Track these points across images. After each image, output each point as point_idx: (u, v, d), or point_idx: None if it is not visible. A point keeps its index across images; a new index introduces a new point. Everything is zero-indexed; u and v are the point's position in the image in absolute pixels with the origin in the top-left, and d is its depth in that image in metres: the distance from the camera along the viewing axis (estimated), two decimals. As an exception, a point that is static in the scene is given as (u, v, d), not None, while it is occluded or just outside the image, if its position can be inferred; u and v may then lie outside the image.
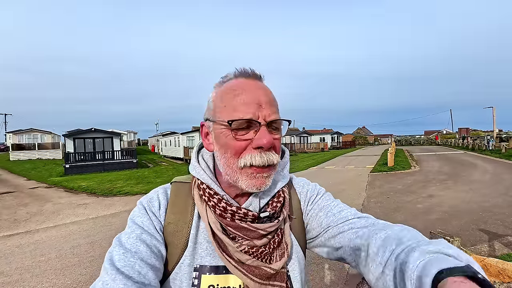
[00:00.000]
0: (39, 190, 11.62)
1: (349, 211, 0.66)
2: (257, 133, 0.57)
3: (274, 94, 0.64)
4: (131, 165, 21.13)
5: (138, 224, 0.59)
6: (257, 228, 0.59)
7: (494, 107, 31.36)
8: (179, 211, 0.64)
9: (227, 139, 0.59)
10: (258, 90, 0.60)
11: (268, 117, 0.59)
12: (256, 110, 0.58)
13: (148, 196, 0.66)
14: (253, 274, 0.57)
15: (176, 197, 0.67)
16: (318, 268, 3.67)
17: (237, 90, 0.60)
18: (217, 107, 0.61)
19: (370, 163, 17.49)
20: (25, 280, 3.71)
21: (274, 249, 0.61)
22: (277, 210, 0.63)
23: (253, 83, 0.62)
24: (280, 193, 0.66)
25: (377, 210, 6.66)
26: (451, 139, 42.29)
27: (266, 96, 0.60)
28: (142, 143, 62.34)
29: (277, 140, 0.61)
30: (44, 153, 29.28)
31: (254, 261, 0.58)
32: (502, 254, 3.89)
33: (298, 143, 38.24)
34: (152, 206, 0.63)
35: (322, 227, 0.66)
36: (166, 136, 32.70)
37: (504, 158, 16.82)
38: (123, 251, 0.53)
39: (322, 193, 0.73)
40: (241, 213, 0.59)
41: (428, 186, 9.41)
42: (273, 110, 0.60)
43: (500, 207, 6.32)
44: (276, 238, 0.62)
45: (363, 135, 71.39)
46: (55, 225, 6.34)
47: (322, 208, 0.69)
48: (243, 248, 0.58)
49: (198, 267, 0.60)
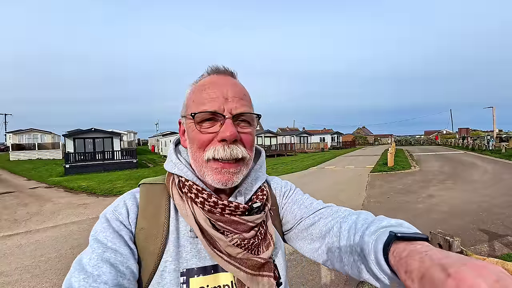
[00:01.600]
0: (39, 190, 11.61)
1: (317, 203, 0.72)
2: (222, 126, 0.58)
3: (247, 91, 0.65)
4: (131, 165, 21.14)
5: (100, 240, 0.54)
6: (247, 221, 0.59)
7: (494, 107, 31.39)
8: (151, 215, 0.60)
9: (193, 133, 0.60)
10: (226, 85, 0.61)
11: (234, 110, 0.58)
12: (222, 103, 0.58)
13: (113, 205, 0.62)
14: (246, 266, 0.58)
15: (147, 200, 0.63)
16: (318, 268, 3.67)
17: (206, 85, 0.61)
18: (188, 103, 0.63)
19: (370, 163, 17.48)
20: (25, 280, 3.71)
21: (261, 240, 0.62)
22: (264, 202, 0.65)
23: (223, 78, 0.62)
24: (262, 188, 0.68)
25: (377, 210, 6.65)
26: (451, 139, 42.29)
27: (234, 90, 0.60)
28: (142, 143, 62.36)
29: (246, 135, 0.60)
30: (44, 153, 29.29)
31: (244, 254, 0.58)
32: (502, 254, 3.89)
33: (298, 143, 38.24)
34: (119, 215, 0.59)
35: (296, 219, 0.70)
36: (166, 136, 32.74)
37: (504, 158, 16.81)
38: (84, 276, 0.48)
39: (294, 188, 0.78)
40: (232, 206, 0.59)
41: (428, 186, 9.41)
42: (241, 104, 0.60)
43: (500, 207, 6.32)
44: (262, 229, 0.63)
45: (363, 135, 71.38)
46: (55, 225, 6.33)
47: (295, 201, 0.73)
48: (235, 242, 0.58)
49: (185, 271, 0.57)
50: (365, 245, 0.48)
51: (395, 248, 0.41)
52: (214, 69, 0.65)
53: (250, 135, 0.61)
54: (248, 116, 0.61)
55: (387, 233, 0.44)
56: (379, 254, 0.43)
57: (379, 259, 0.43)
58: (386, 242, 0.43)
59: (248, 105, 0.62)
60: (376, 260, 0.44)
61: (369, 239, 0.48)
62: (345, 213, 0.64)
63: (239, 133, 0.59)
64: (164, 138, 33.90)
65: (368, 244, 0.47)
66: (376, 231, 0.48)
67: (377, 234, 0.47)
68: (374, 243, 0.46)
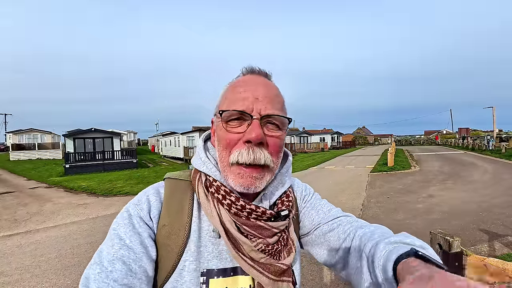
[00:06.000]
0: (39, 190, 11.61)
1: (336, 210, 0.72)
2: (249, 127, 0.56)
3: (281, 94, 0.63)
4: (131, 165, 21.13)
5: (120, 236, 0.55)
6: (272, 227, 0.59)
7: (494, 107, 31.36)
8: (174, 212, 0.60)
9: (221, 131, 0.59)
10: (258, 84, 0.59)
11: (264, 111, 0.56)
12: (251, 103, 0.56)
13: (136, 200, 0.61)
14: (269, 271, 0.57)
15: (171, 197, 0.62)
16: (318, 268, 3.67)
17: (238, 84, 0.60)
18: (220, 102, 0.62)
19: (370, 163, 17.48)
20: (25, 280, 3.70)
21: (283, 246, 0.61)
22: (290, 209, 0.64)
23: (256, 78, 0.61)
24: (288, 193, 0.66)
25: (377, 210, 6.65)
26: (451, 139, 42.29)
27: (265, 90, 0.58)
28: (142, 143, 62.33)
29: (274, 139, 0.58)
30: (44, 153, 29.29)
31: (267, 259, 0.58)
32: (502, 254, 3.89)
33: (298, 143, 38.22)
34: (140, 210, 0.58)
35: (313, 224, 0.70)
36: (166, 136, 32.71)
37: (504, 158, 16.80)
38: (99, 270, 0.51)
39: (312, 193, 0.78)
40: (259, 211, 0.57)
41: (428, 186, 9.40)
42: (272, 105, 0.57)
43: (500, 207, 6.32)
44: (284, 235, 0.62)
45: (363, 135, 71.37)
46: (55, 225, 6.33)
47: (314, 206, 0.73)
48: (259, 247, 0.57)
49: (205, 271, 0.57)
50: (377, 251, 0.48)
51: (408, 261, 0.41)
52: (249, 69, 0.64)
53: (278, 139, 0.59)
54: (277, 118, 0.58)
55: (406, 248, 0.44)
56: (389, 262, 0.43)
57: (387, 266, 0.43)
58: (404, 254, 0.42)
59: (280, 107, 0.59)
60: (384, 266, 0.44)
61: (384, 247, 0.48)
62: (364, 223, 0.64)
63: (266, 136, 0.57)
64: (164, 138, 33.87)
65: (381, 251, 0.47)
66: (396, 243, 0.48)
67: (395, 246, 0.46)
68: (389, 252, 0.45)
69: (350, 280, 0.59)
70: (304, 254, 0.71)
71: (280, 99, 0.61)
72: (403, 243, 0.47)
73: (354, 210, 6.49)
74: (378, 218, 5.91)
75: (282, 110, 0.60)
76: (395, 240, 0.49)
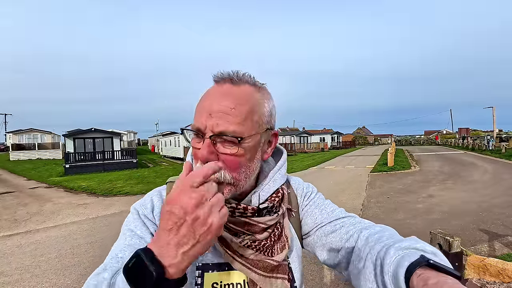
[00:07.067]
0: (39, 190, 11.62)
1: (339, 210, 0.71)
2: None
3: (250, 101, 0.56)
4: (131, 165, 21.14)
5: (131, 229, 0.60)
6: (258, 222, 0.59)
7: (494, 107, 31.38)
8: None
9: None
10: (216, 97, 0.55)
11: (216, 128, 0.52)
12: (205, 119, 0.53)
13: (141, 201, 0.66)
14: (257, 267, 0.58)
15: None
16: (318, 268, 3.67)
17: (203, 97, 0.58)
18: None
19: (370, 163, 17.50)
20: (25, 280, 3.71)
21: (275, 242, 0.62)
22: (275, 204, 0.63)
23: (219, 88, 0.57)
24: (279, 190, 0.67)
25: (377, 210, 6.66)
26: (451, 139, 42.32)
27: (220, 103, 0.53)
28: (142, 143, 62.38)
29: (229, 156, 0.54)
30: (44, 153, 29.31)
31: (257, 255, 0.59)
32: (502, 254, 3.89)
33: (298, 143, 38.23)
34: (144, 209, 0.63)
35: (316, 223, 0.70)
36: (166, 136, 32.69)
37: (504, 158, 16.81)
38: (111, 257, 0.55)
39: (315, 192, 0.77)
40: (240, 208, 0.58)
41: (428, 186, 9.41)
42: (226, 120, 0.52)
43: (500, 207, 6.33)
44: (276, 231, 0.63)
45: (363, 135, 71.40)
46: (55, 225, 6.34)
47: (317, 205, 0.73)
48: (246, 243, 0.58)
49: (201, 265, 0.60)
50: (387, 256, 0.47)
51: (423, 272, 0.40)
52: (214, 77, 0.59)
53: (233, 157, 0.54)
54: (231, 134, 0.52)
55: (418, 255, 0.43)
56: (400, 269, 0.42)
57: (398, 274, 0.42)
58: (416, 262, 0.42)
59: (237, 121, 0.53)
60: (395, 273, 0.43)
61: (395, 253, 0.47)
62: (368, 224, 0.64)
63: (221, 154, 0.54)
64: (164, 138, 33.86)
65: (392, 257, 0.46)
66: (407, 249, 0.47)
67: (406, 252, 0.46)
68: (400, 258, 0.45)
69: (351, 281, 0.58)
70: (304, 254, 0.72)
71: (241, 111, 0.54)
72: (413, 249, 0.47)
73: (354, 210, 6.49)
74: (378, 218, 5.92)
75: (240, 123, 0.54)
76: (406, 246, 0.48)
